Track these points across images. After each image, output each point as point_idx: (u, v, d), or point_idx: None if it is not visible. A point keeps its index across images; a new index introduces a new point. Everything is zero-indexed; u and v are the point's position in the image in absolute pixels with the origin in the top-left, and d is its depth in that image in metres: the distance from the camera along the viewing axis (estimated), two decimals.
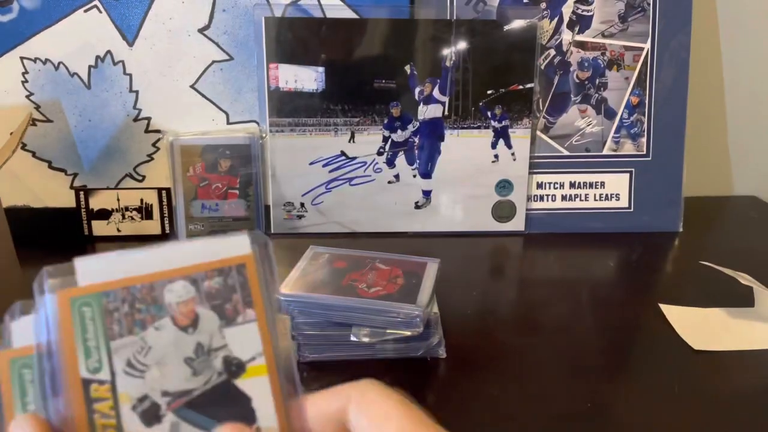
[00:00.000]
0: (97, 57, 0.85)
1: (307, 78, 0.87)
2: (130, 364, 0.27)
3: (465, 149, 0.90)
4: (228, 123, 0.89)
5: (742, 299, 0.72)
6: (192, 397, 0.27)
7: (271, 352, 0.28)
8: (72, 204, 0.89)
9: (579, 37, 0.90)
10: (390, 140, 0.89)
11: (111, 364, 0.26)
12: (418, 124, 0.89)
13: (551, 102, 0.91)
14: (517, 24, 0.88)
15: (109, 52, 0.85)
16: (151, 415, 0.26)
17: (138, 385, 0.27)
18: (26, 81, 0.85)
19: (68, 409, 0.26)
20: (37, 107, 0.86)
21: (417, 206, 0.92)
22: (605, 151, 0.93)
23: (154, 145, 0.88)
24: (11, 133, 0.84)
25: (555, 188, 0.93)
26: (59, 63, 0.85)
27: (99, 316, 0.27)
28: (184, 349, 0.27)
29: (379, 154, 0.90)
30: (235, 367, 0.28)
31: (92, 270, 0.27)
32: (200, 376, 0.27)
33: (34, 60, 0.84)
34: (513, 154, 0.91)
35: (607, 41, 0.91)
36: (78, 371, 0.26)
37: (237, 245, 0.29)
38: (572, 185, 0.93)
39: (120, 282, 0.27)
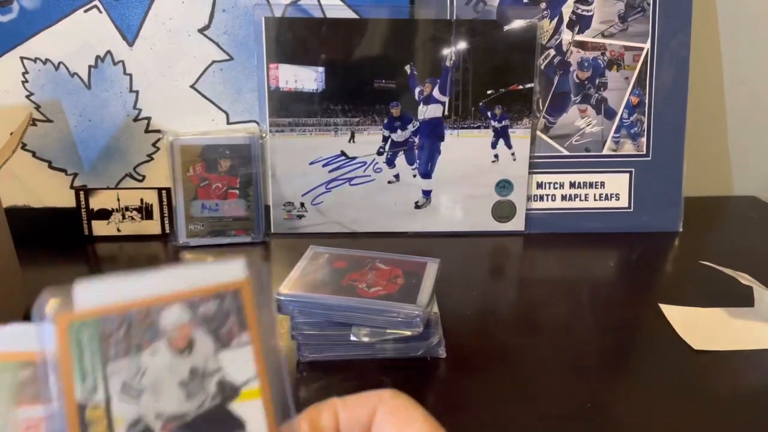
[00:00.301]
0: (97, 57, 0.85)
1: (307, 78, 0.87)
2: (125, 387, 0.27)
3: (465, 149, 0.90)
4: (228, 123, 0.89)
5: (742, 299, 0.72)
6: (185, 421, 0.27)
7: (265, 375, 0.28)
8: (72, 204, 0.89)
9: (579, 37, 0.90)
10: (390, 140, 0.89)
11: (106, 387, 0.27)
12: (418, 124, 0.89)
13: (551, 102, 0.91)
14: (517, 24, 0.88)
15: (109, 52, 0.85)
16: None
17: (132, 409, 0.27)
18: (26, 81, 0.85)
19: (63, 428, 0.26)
20: (38, 107, 0.86)
21: (417, 206, 0.92)
22: (605, 151, 0.93)
23: (154, 145, 0.88)
24: (11, 133, 0.84)
25: (555, 188, 0.93)
26: (59, 63, 0.85)
27: (95, 339, 0.27)
28: (178, 373, 0.28)
29: (379, 154, 0.90)
30: (229, 391, 0.28)
31: (91, 294, 0.28)
32: (194, 400, 0.28)
33: (34, 60, 0.84)
34: (513, 154, 0.91)
35: (607, 41, 0.91)
36: (74, 395, 0.26)
37: (233, 271, 0.29)
38: (572, 185, 0.93)
39: (117, 307, 0.27)
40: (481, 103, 0.89)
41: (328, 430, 0.30)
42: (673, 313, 0.71)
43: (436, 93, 0.88)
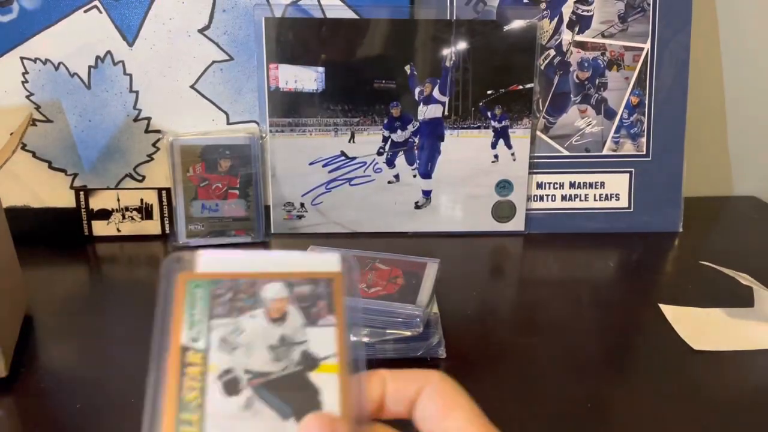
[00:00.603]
0: (97, 57, 0.85)
1: (307, 78, 0.87)
2: (224, 340, 0.31)
3: (465, 149, 0.90)
4: (228, 123, 0.89)
5: (742, 299, 0.72)
6: (269, 379, 0.31)
7: (344, 355, 0.32)
8: (72, 204, 0.89)
9: (579, 37, 0.90)
10: (390, 140, 0.89)
11: (208, 338, 0.31)
12: (418, 124, 0.89)
13: (551, 102, 0.91)
14: (517, 24, 0.88)
15: (109, 52, 0.85)
16: (232, 386, 0.30)
17: (226, 360, 0.31)
18: (26, 81, 0.85)
19: (164, 367, 0.30)
20: (38, 107, 0.86)
21: (417, 206, 0.92)
22: (605, 151, 0.93)
23: (154, 145, 0.88)
24: (11, 134, 0.84)
25: (555, 188, 0.93)
26: (59, 63, 0.85)
27: (207, 297, 0.32)
28: (270, 338, 0.32)
29: (379, 154, 0.90)
30: (310, 361, 0.31)
31: (210, 261, 0.33)
32: (280, 363, 0.31)
33: (34, 60, 0.84)
34: (513, 154, 0.91)
35: (607, 41, 0.91)
36: (180, 337, 0.31)
37: (330, 263, 0.34)
38: (572, 185, 0.93)
39: (230, 275, 0.33)
40: (481, 104, 0.89)
41: (374, 397, 0.32)
42: (673, 313, 0.71)
43: (436, 93, 0.88)
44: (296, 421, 0.30)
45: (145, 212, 0.90)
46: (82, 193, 0.89)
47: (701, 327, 0.68)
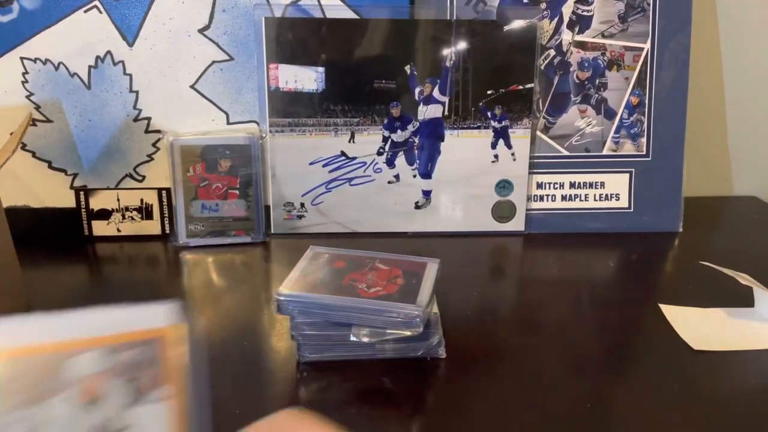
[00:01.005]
0: (97, 57, 0.85)
1: (307, 78, 0.87)
2: None
3: (465, 149, 0.90)
4: (228, 123, 0.89)
5: (742, 299, 0.72)
6: None
7: None
8: (72, 204, 0.89)
9: (579, 38, 0.90)
10: (390, 140, 0.89)
11: None
12: (418, 124, 0.89)
13: (551, 102, 0.91)
14: (517, 24, 0.88)
15: (109, 52, 0.85)
16: None
17: None
18: (26, 81, 0.85)
19: None
20: (38, 107, 0.86)
21: (417, 206, 0.92)
22: (605, 151, 0.93)
23: (154, 145, 0.88)
24: (11, 134, 0.84)
25: (555, 188, 0.93)
26: (59, 63, 0.85)
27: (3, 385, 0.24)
28: (81, 430, 0.25)
29: (379, 154, 0.90)
30: None
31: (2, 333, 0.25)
32: None
33: (35, 60, 0.84)
34: (513, 154, 0.91)
35: (607, 41, 0.91)
36: None
37: (154, 318, 0.26)
38: (572, 185, 0.93)
39: (25, 350, 0.25)
40: (481, 104, 0.89)
41: None
42: (672, 313, 0.71)
43: (436, 93, 0.88)
44: None
45: (145, 212, 0.90)
46: (82, 193, 0.89)
47: (701, 327, 0.68)
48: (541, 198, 0.93)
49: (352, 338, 0.60)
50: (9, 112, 0.85)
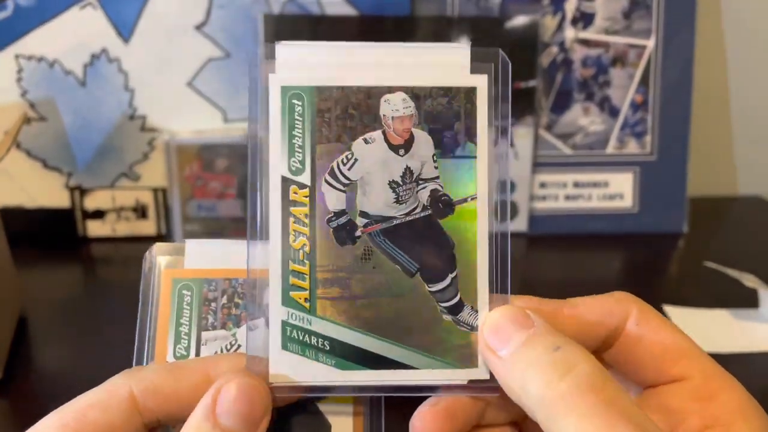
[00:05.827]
0: (92, 55, 0.84)
1: None
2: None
3: None
4: (225, 121, 0.88)
5: (747, 301, 0.71)
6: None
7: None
8: (67, 204, 0.88)
9: (582, 35, 0.89)
10: None
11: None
12: None
13: (554, 100, 0.90)
14: (519, 21, 0.87)
15: (104, 49, 0.84)
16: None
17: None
18: (20, 79, 0.84)
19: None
20: (32, 106, 0.85)
21: None
22: (609, 150, 0.92)
23: (149, 144, 0.87)
24: (5, 132, 0.83)
25: (558, 188, 0.92)
26: (54, 61, 0.84)
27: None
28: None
29: None
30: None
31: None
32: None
33: (29, 58, 0.83)
34: (515, 153, 0.90)
35: (610, 38, 0.89)
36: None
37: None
38: (576, 185, 0.92)
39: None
40: None
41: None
42: (677, 314, 0.70)
43: None
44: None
45: (141, 212, 0.88)
46: (76, 192, 0.87)
47: (706, 328, 0.68)
48: (544, 198, 0.92)
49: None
50: (3, 110, 0.84)
